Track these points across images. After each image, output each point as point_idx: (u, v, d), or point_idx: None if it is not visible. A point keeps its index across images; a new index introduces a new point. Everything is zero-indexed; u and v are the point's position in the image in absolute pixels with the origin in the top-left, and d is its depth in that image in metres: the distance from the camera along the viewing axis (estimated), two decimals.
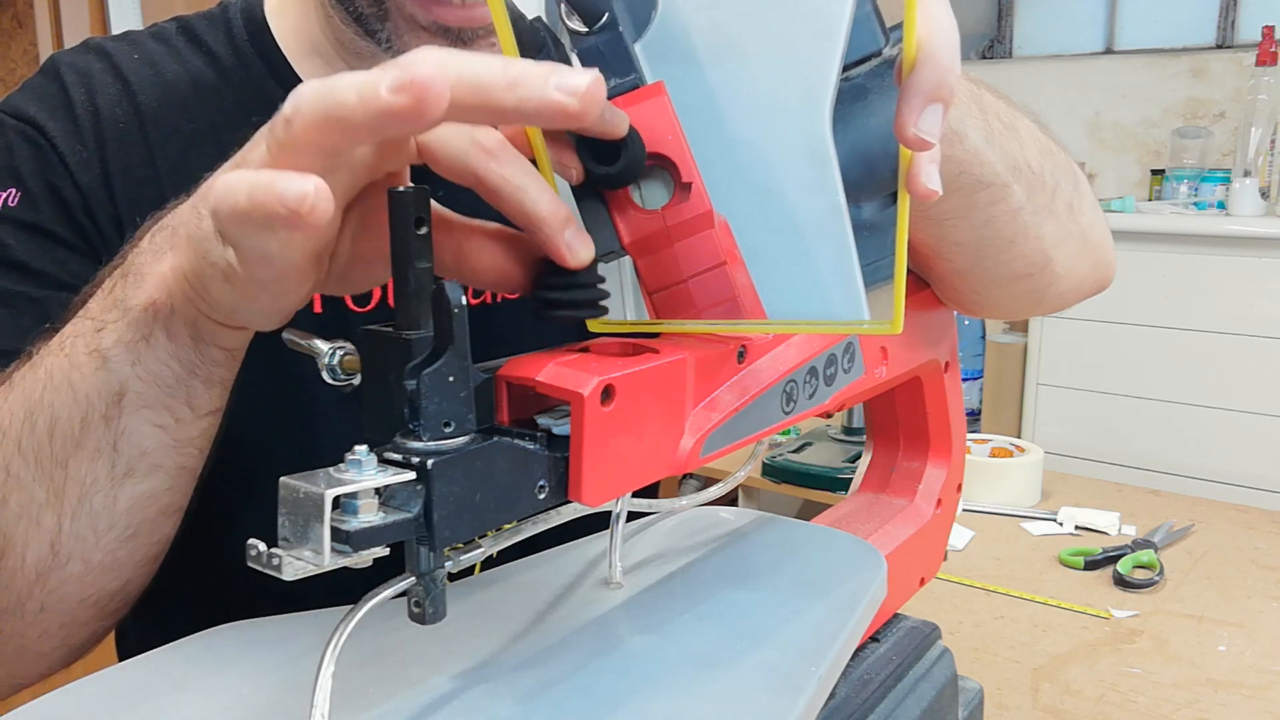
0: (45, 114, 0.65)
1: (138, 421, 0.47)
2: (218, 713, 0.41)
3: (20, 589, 0.50)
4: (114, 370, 0.45)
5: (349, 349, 0.40)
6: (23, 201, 0.63)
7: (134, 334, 0.45)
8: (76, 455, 0.47)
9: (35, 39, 2.47)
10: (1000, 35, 3.06)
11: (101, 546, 0.50)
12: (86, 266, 0.61)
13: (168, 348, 0.45)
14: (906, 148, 0.39)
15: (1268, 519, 1.25)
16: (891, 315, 0.40)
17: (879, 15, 0.42)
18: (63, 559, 0.50)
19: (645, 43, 0.41)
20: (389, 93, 0.32)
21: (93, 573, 0.51)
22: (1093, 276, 0.70)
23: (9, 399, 0.50)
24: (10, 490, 0.49)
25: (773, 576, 0.55)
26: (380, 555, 0.32)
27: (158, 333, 0.44)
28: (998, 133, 0.55)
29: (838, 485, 1.78)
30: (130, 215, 0.64)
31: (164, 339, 0.45)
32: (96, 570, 0.51)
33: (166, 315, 0.44)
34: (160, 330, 0.44)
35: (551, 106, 0.33)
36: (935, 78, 0.38)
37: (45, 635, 0.53)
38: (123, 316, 0.45)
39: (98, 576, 0.52)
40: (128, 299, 0.45)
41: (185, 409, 0.47)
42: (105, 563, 0.51)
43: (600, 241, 0.42)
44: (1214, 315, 2.24)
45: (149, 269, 0.45)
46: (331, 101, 0.33)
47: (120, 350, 0.45)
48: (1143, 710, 0.82)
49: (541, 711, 0.41)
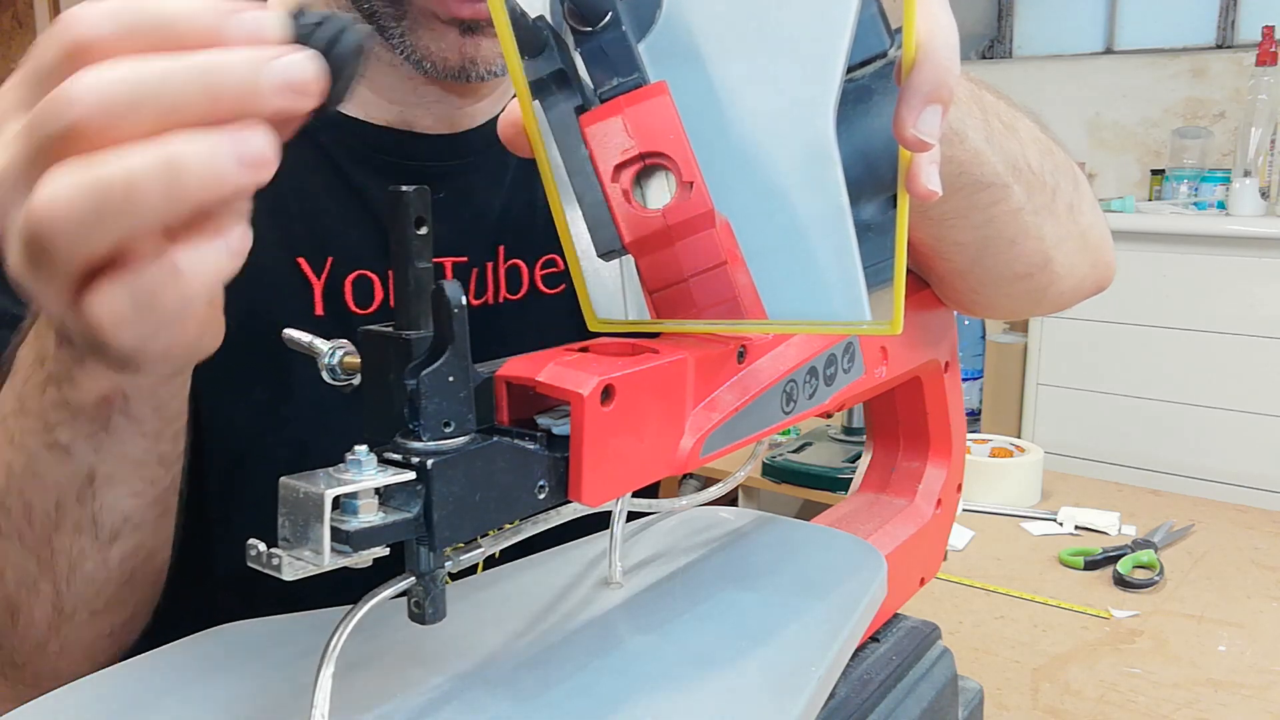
0: None
1: (114, 497, 0.47)
2: (217, 713, 0.41)
3: (37, 638, 0.52)
4: (78, 459, 0.44)
5: (349, 349, 0.40)
6: None
7: (91, 427, 0.44)
8: (58, 533, 0.47)
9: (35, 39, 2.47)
10: (1000, 35, 3.06)
11: (103, 595, 0.51)
12: None
13: (129, 428, 0.44)
14: (905, 148, 0.39)
15: (1268, 519, 1.25)
16: (891, 316, 0.40)
17: (884, 16, 0.42)
18: (69, 613, 0.51)
19: (649, 42, 0.41)
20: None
21: (100, 616, 0.53)
22: (1092, 277, 0.70)
23: None
24: (4, 565, 0.49)
25: (773, 576, 0.55)
26: (380, 555, 0.32)
27: (116, 419, 0.43)
28: (998, 133, 0.55)
29: (838, 485, 1.78)
30: None
31: (124, 422, 0.43)
32: (103, 613, 0.53)
33: (122, 403, 0.43)
34: (119, 416, 0.43)
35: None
36: (934, 78, 0.38)
37: (72, 663, 0.54)
38: (74, 416, 0.43)
39: (106, 617, 0.53)
40: (71, 399, 0.42)
41: (158, 469, 0.47)
42: (110, 605, 0.53)
43: (601, 240, 0.42)
44: (1214, 315, 2.24)
45: (75, 369, 0.42)
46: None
47: (80, 442, 0.44)
48: (1143, 710, 0.82)
49: (541, 711, 0.41)
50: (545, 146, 0.42)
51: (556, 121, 0.42)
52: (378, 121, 0.68)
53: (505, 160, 0.70)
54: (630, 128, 0.40)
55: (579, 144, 0.41)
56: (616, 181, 0.40)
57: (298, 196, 0.65)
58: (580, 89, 0.41)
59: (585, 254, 0.43)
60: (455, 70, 0.61)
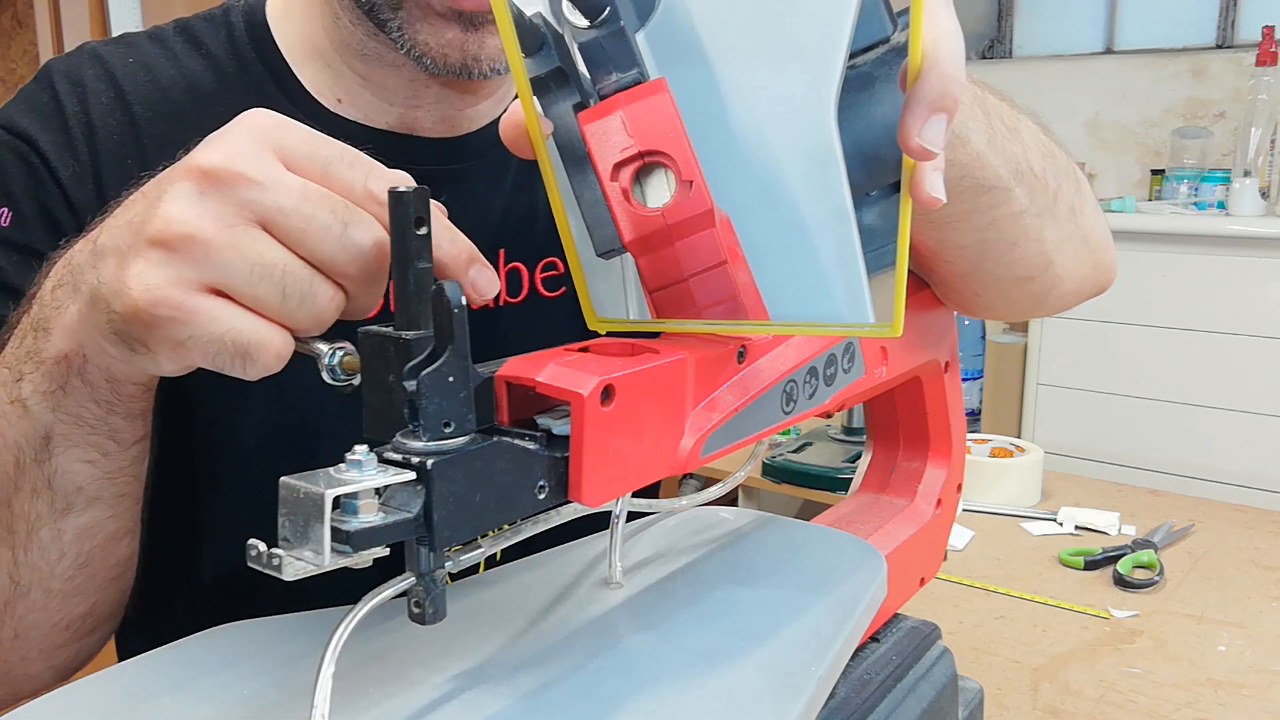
0: (38, 127, 0.64)
1: (68, 460, 0.48)
2: (218, 713, 0.41)
3: None
4: (36, 417, 0.47)
5: (349, 349, 0.40)
6: (14, 222, 0.63)
7: (50, 384, 0.46)
8: (17, 495, 0.49)
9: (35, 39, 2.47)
10: (1000, 35, 3.06)
11: (58, 575, 0.52)
12: None
13: (84, 392, 0.46)
14: (910, 157, 0.38)
15: (1268, 519, 1.25)
16: (891, 317, 0.40)
17: (886, 2, 0.41)
18: (24, 588, 0.52)
19: (647, 36, 0.41)
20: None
21: (55, 599, 0.54)
22: (1093, 278, 0.70)
23: None
24: None
25: (773, 576, 0.55)
26: (380, 555, 0.32)
27: (73, 380, 0.46)
28: (1001, 136, 0.55)
29: (838, 485, 1.78)
30: None
31: (79, 384, 0.46)
32: (59, 597, 0.54)
33: (80, 365, 0.45)
34: (75, 378, 0.45)
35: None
36: (939, 87, 0.37)
37: (26, 660, 0.55)
38: (37, 368, 0.46)
39: (62, 602, 0.54)
40: (40, 351, 0.46)
41: (110, 443, 0.49)
42: (66, 589, 0.53)
43: (601, 239, 0.42)
44: (1214, 315, 2.24)
45: (54, 321, 0.45)
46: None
47: (39, 399, 0.46)
48: (1143, 710, 0.82)
49: (541, 711, 0.41)
50: (544, 148, 0.42)
51: (556, 120, 0.42)
52: (377, 125, 0.68)
53: (505, 163, 0.70)
54: (629, 125, 0.40)
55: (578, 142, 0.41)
56: (615, 180, 0.40)
57: None
58: (579, 86, 0.41)
59: (585, 253, 0.43)
60: (457, 67, 0.61)
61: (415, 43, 0.60)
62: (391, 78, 0.66)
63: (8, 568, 0.52)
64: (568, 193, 0.43)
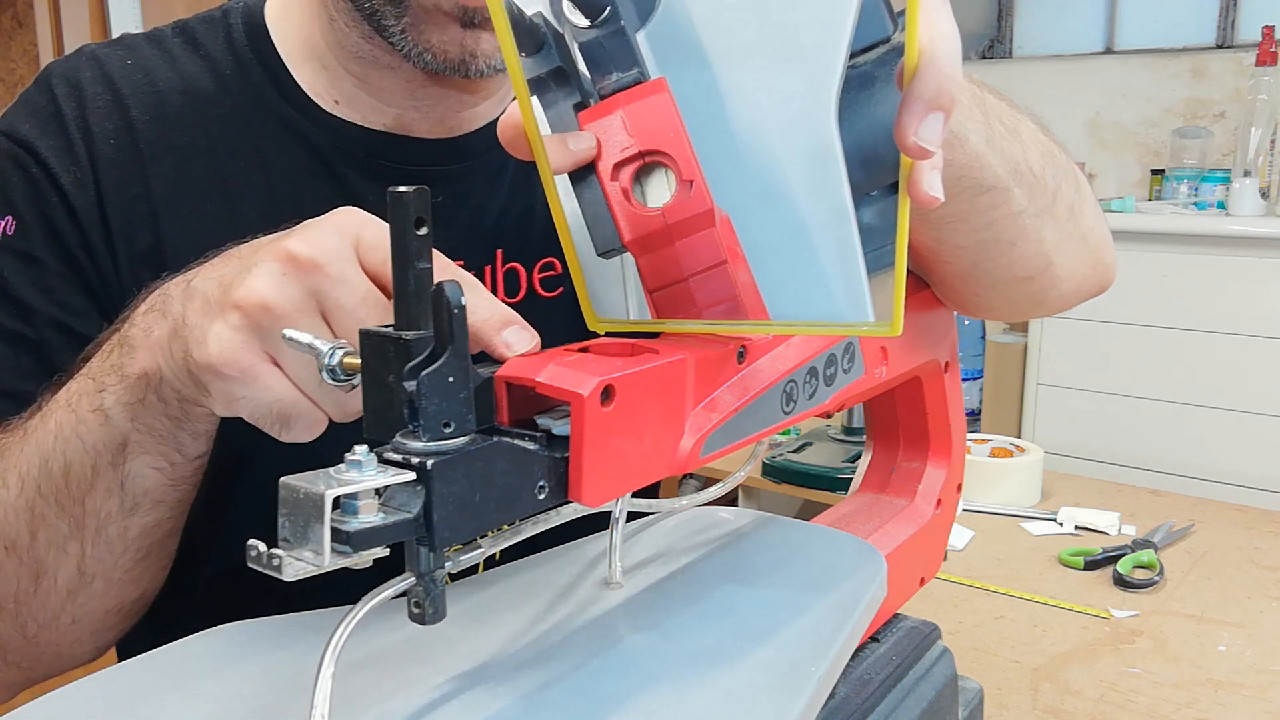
0: (38, 133, 0.64)
1: (139, 466, 0.53)
2: (218, 713, 0.41)
3: (55, 606, 0.57)
4: (115, 426, 0.51)
5: (349, 349, 0.40)
6: (18, 231, 0.63)
7: (131, 397, 0.50)
8: (91, 494, 0.53)
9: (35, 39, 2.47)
10: (1000, 35, 3.06)
11: (120, 566, 0.57)
12: (76, 297, 0.63)
13: (158, 407, 0.50)
14: (908, 156, 0.38)
15: (1268, 519, 1.25)
16: (891, 317, 0.40)
17: (887, 2, 0.41)
18: (89, 578, 0.56)
19: (648, 36, 0.41)
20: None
21: (114, 587, 0.58)
22: (1093, 278, 0.70)
23: (25, 449, 0.55)
24: (38, 526, 0.55)
25: (773, 576, 0.55)
26: (380, 555, 0.32)
27: (150, 396, 0.50)
28: (999, 136, 0.54)
29: (838, 485, 1.78)
30: (123, 232, 0.63)
31: (155, 400, 0.50)
32: (118, 585, 0.58)
33: (157, 383, 0.49)
34: (152, 394, 0.50)
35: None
36: (936, 86, 0.37)
37: (78, 642, 0.59)
38: (120, 381, 0.50)
39: (120, 590, 0.58)
40: (124, 366, 0.50)
41: (177, 455, 0.53)
42: (125, 579, 0.58)
43: (601, 239, 0.41)
44: (1214, 315, 2.24)
45: (140, 341, 0.50)
46: None
47: (120, 409, 0.51)
48: (1143, 710, 0.82)
49: (541, 711, 0.41)
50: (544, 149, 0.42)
51: (555, 120, 0.42)
52: (374, 126, 0.68)
53: (503, 164, 0.70)
54: (629, 125, 0.40)
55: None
56: (616, 180, 0.40)
57: (294, 202, 0.65)
58: (579, 86, 0.41)
59: (585, 254, 0.43)
60: (456, 63, 0.61)
61: (417, 42, 0.60)
62: (388, 79, 0.66)
63: (76, 560, 0.55)
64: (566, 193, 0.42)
